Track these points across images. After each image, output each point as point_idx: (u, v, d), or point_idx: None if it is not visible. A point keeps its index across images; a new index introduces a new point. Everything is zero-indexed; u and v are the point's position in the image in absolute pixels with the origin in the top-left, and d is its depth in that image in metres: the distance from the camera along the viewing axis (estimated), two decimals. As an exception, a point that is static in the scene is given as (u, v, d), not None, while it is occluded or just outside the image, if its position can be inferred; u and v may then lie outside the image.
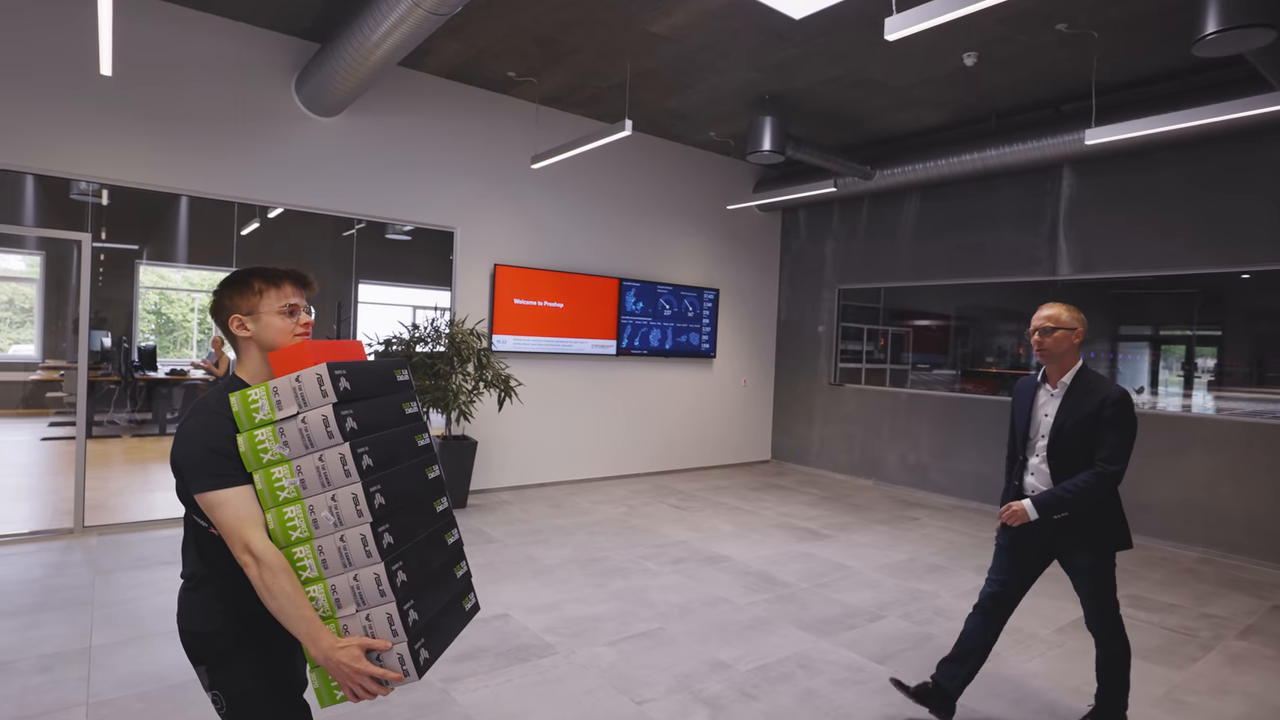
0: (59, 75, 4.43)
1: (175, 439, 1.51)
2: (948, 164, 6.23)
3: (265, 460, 1.48)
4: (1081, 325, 2.51)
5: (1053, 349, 2.51)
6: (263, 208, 9.69)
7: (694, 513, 5.90)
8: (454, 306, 6.14)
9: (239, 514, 1.45)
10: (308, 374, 1.48)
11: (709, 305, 7.74)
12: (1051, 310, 2.53)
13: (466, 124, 6.06)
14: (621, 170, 7.03)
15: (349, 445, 1.46)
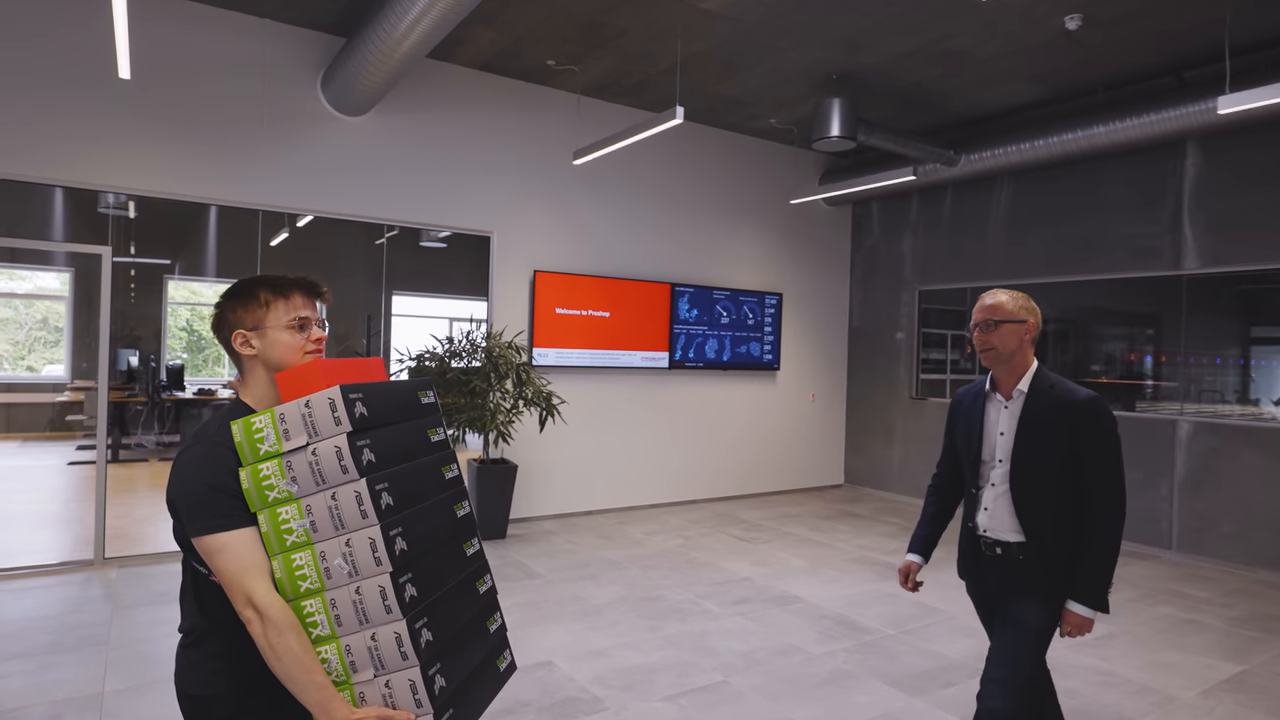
0: (75, 79, 4.57)
1: (171, 473, 1.44)
2: (1046, 145, 5.93)
3: (271, 499, 1.39)
4: (1034, 317, 2.15)
5: (1001, 348, 2.13)
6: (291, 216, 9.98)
7: (759, 545, 5.72)
8: (491, 318, 6.12)
9: (241, 561, 1.36)
10: (318, 398, 1.39)
11: (771, 311, 7.58)
12: (993, 300, 2.16)
13: (502, 119, 6.06)
14: (672, 165, 6.94)
15: (366, 481, 1.37)
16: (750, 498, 7.48)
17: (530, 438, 6.11)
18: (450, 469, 1.66)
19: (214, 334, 1.55)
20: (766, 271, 7.64)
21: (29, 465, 8.30)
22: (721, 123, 7.07)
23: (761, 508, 7.07)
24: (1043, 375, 2.16)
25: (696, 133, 7.07)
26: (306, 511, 1.39)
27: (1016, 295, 2.17)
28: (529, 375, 5.57)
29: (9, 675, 3.18)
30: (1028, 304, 2.16)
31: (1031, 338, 2.14)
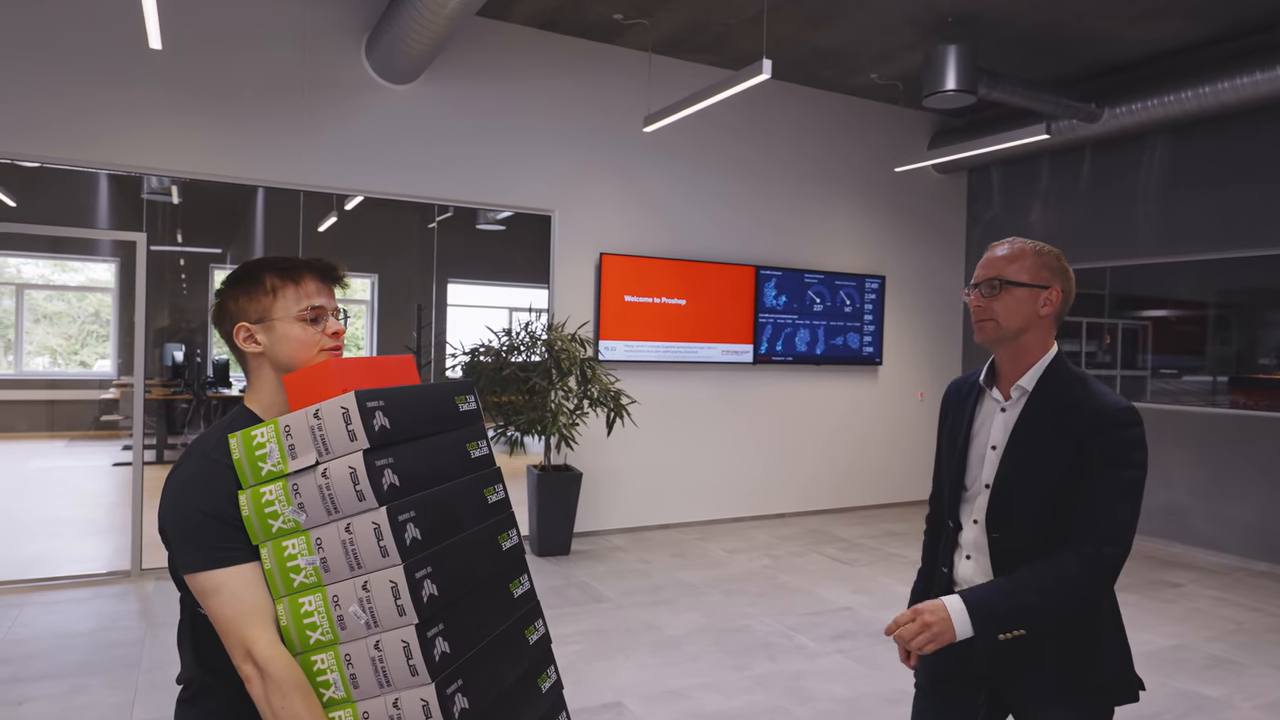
0: (104, 53, 4.66)
1: (161, 495, 1.32)
2: (1212, 93, 5.43)
3: (275, 529, 1.27)
4: (1062, 283, 1.65)
5: (1003, 321, 1.65)
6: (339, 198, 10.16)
7: (860, 568, 5.50)
8: (552, 307, 6.04)
9: (239, 605, 1.25)
10: (330, 407, 1.25)
11: (872, 297, 7.30)
12: (1005, 249, 1.68)
13: (564, 83, 5.95)
14: (756, 130, 6.73)
15: (386, 510, 1.23)
16: (848, 512, 7.25)
17: (596, 441, 5.99)
18: (494, 491, 1.51)
19: (215, 328, 1.43)
20: (867, 252, 7.36)
21: (73, 466, 8.72)
22: (814, 80, 6.80)
23: (861, 524, 6.83)
24: (1060, 369, 1.65)
25: (785, 93, 6.84)
26: (316, 546, 1.25)
27: (1043, 249, 1.67)
28: (594, 371, 5.46)
29: (35, 699, 3.24)
30: (1056, 263, 1.66)
31: (1053, 312, 1.64)
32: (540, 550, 5.57)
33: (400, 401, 1.33)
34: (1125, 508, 1.52)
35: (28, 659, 3.62)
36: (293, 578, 1.26)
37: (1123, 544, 1.51)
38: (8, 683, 3.37)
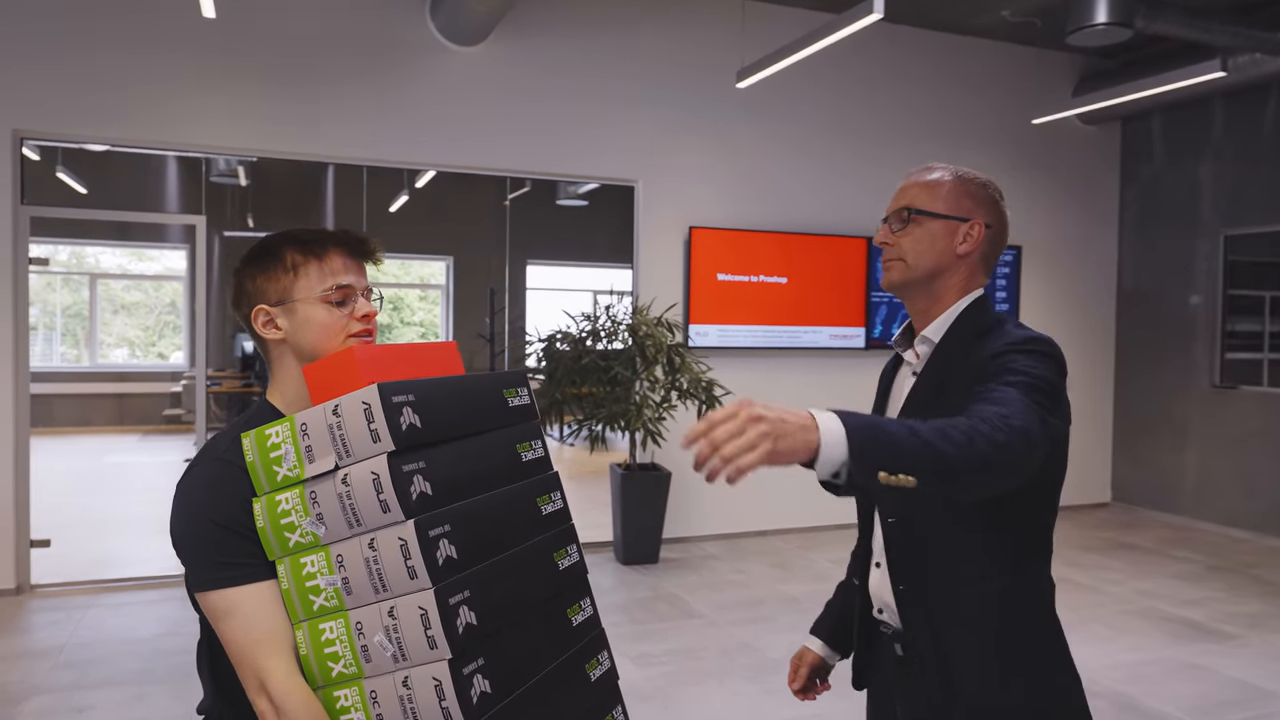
0: (156, 24, 4.80)
1: (172, 502, 1.28)
2: None
3: (292, 543, 1.20)
4: (986, 215, 1.46)
5: (911, 260, 1.46)
6: (410, 175, 10.38)
7: None
8: (636, 288, 5.97)
9: (252, 631, 1.20)
10: (350, 402, 1.17)
11: (1005, 271, 7.06)
12: (922, 174, 1.50)
13: (646, 37, 5.86)
14: (866, 83, 6.51)
15: (414, 524, 1.14)
16: None
17: (687, 438, 5.88)
18: (550, 500, 1.42)
19: (234, 311, 1.39)
20: None
21: (146, 462, 9.22)
22: (932, 21, 6.52)
23: None
24: (976, 316, 1.44)
25: (899, 38, 6.59)
26: (338, 564, 1.18)
27: (967, 175, 1.49)
28: (684, 359, 5.36)
29: (92, 707, 3.37)
30: (983, 192, 1.47)
31: (975, 250, 1.45)
32: (625, 558, 5.52)
33: (434, 396, 1.24)
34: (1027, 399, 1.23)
35: (90, 664, 3.79)
36: (312, 600, 1.19)
37: (1027, 420, 1.18)
38: (70, 689, 3.53)
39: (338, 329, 1.34)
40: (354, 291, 1.36)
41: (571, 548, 1.41)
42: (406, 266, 13.30)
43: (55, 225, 10.40)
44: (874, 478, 1.12)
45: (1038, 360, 1.32)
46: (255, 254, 1.37)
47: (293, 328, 1.34)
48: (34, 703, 3.39)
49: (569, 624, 1.36)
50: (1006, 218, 1.52)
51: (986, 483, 1.18)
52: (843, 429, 1.10)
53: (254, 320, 1.35)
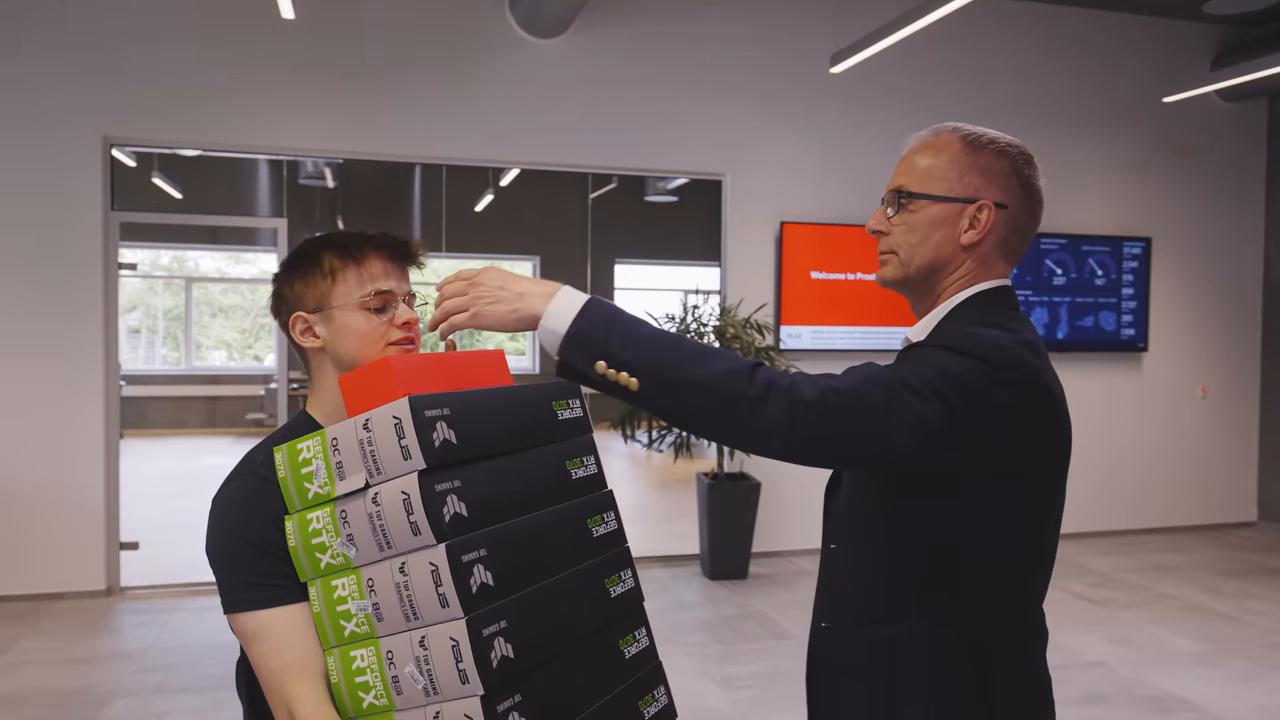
0: (235, 26, 4.98)
1: (208, 517, 1.28)
2: None
3: (324, 564, 1.19)
4: (1001, 191, 1.22)
5: (904, 254, 1.27)
6: (495, 173, 10.54)
7: (1117, 611, 5.02)
8: (724, 287, 5.89)
9: (281, 655, 1.20)
10: (381, 416, 1.14)
11: (1133, 265, 6.68)
12: (920, 142, 1.29)
13: (733, 23, 5.80)
14: (972, 64, 6.30)
15: (446, 549, 1.11)
16: (1101, 538, 6.70)
17: (778, 446, 5.77)
18: (602, 521, 1.37)
19: (274, 318, 1.39)
20: (1124, 207, 6.73)
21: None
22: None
23: (1121, 553, 6.31)
24: (968, 313, 1.23)
25: (1009, 14, 6.36)
26: (369, 588, 1.16)
27: (980, 139, 1.24)
28: (773, 362, 5.24)
29: (171, 713, 3.51)
30: (996, 163, 1.23)
31: (981, 240, 1.23)
32: (712, 573, 5.44)
33: (472, 409, 1.20)
34: (856, 379, 1.09)
35: (172, 669, 3.95)
36: (343, 625, 1.18)
37: (818, 393, 1.05)
38: (151, 694, 3.68)
39: (377, 337, 1.33)
40: (394, 297, 1.34)
41: (626, 573, 1.36)
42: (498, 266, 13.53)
43: (152, 230, 10.95)
44: (591, 367, 1.05)
45: (951, 356, 1.11)
46: (293, 259, 1.37)
47: (331, 335, 1.33)
48: (117, 706, 3.55)
49: (620, 657, 1.30)
50: (1036, 192, 1.25)
51: (704, 421, 1.07)
52: (579, 306, 1.07)
53: (292, 328, 1.35)
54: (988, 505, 1.16)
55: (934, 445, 1.08)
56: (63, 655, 4.04)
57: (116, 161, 5.30)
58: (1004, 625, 1.20)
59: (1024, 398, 1.12)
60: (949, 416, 1.07)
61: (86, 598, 4.81)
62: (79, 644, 4.19)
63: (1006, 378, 1.11)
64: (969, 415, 1.08)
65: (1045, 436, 1.17)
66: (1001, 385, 1.10)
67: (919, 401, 1.07)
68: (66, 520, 4.79)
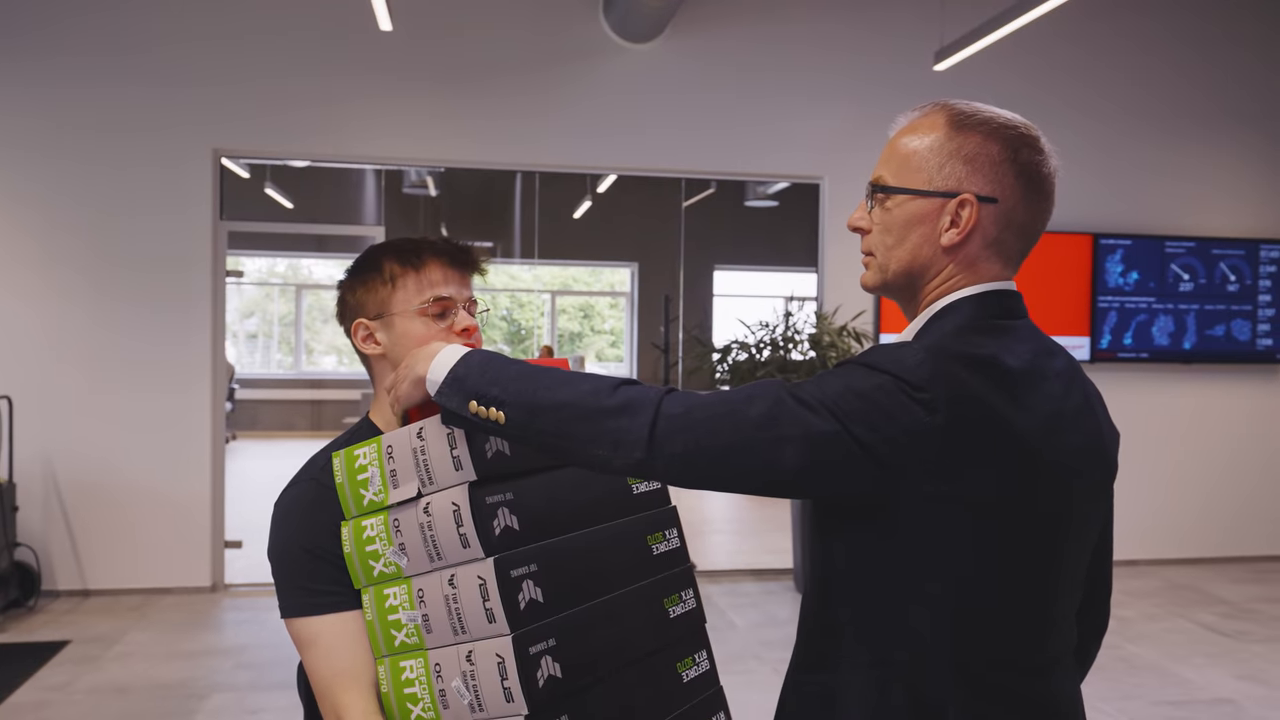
0: (336, 39, 5.16)
1: (271, 520, 1.31)
2: None
3: (376, 572, 1.19)
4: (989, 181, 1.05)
5: (881, 252, 1.12)
6: (593, 180, 10.62)
7: (1249, 643, 4.73)
8: (821, 294, 5.78)
9: (333, 662, 1.20)
10: (434, 424, 1.14)
11: (1271, 271, 6.36)
12: (901, 138, 1.12)
13: (832, 20, 5.73)
14: (1089, 55, 6.05)
15: (494, 563, 1.10)
16: (1233, 563, 6.31)
17: (876, 459, 5.63)
18: (663, 538, 1.34)
19: (339, 324, 1.41)
20: (1264, 207, 6.38)
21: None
22: (1177, -21, 5.87)
23: (1256, 581, 5.94)
24: (944, 323, 1.07)
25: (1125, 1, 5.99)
26: (419, 599, 1.16)
27: (970, 120, 1.08)
28: (871, 372, 5.08)
29: (264, 710, 3.63)
30: (985, 146, 1.06)
31: (963, 240, 1.07)
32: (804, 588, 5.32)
33: (529, 418, 1.19)
34: (735, 395, 0.98)
35: (268, 666, 4.09)
36: (394, 635, 1.18)
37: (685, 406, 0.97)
38: (245, 690, 3.82)
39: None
40: (454, 304, 1.34)
41: (687, 593, 1.32)
42: (597, 273, 13.66)
43: (266, 239, 11.47)
44: (465, 407, 1.03)
45: (864, 372, 0.98)
46: (356, 265, 1.38)
47: (391, 342, 1.34)
48: (214, 700, 3.69)
49: (678, 681, 1.26)
50: (1041, 180, 1.08)
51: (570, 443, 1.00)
52: (458, 356, 1.07)
53: (354, 334, 1.36)
54: (933, 541, 1.00)
55: (833, 472, 0.96)
56: (168, 648, 4.24)
57: (228, 172, 5.56)
58: (984, 694, 1.02)
59: (949, 420, 0.95)
60: (846, 437, 0.94)
61: (193, 593, 5.04)
62: (183, 638, 4.39)
63: (924, 398, 0.95)
64: (872, 439, 0.94)
65: (998, 466, 0.99)
66: (920, 405, 0.95)
67: (810, 416, 0.94)
68: (176, 518, 5.03)
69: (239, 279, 8.83)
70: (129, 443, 4.99)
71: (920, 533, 0.99)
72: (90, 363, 4.97)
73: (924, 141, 1.09)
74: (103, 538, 4.98)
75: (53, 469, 4.94)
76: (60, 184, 4.94)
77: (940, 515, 0.98)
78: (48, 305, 4.94)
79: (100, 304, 4.97)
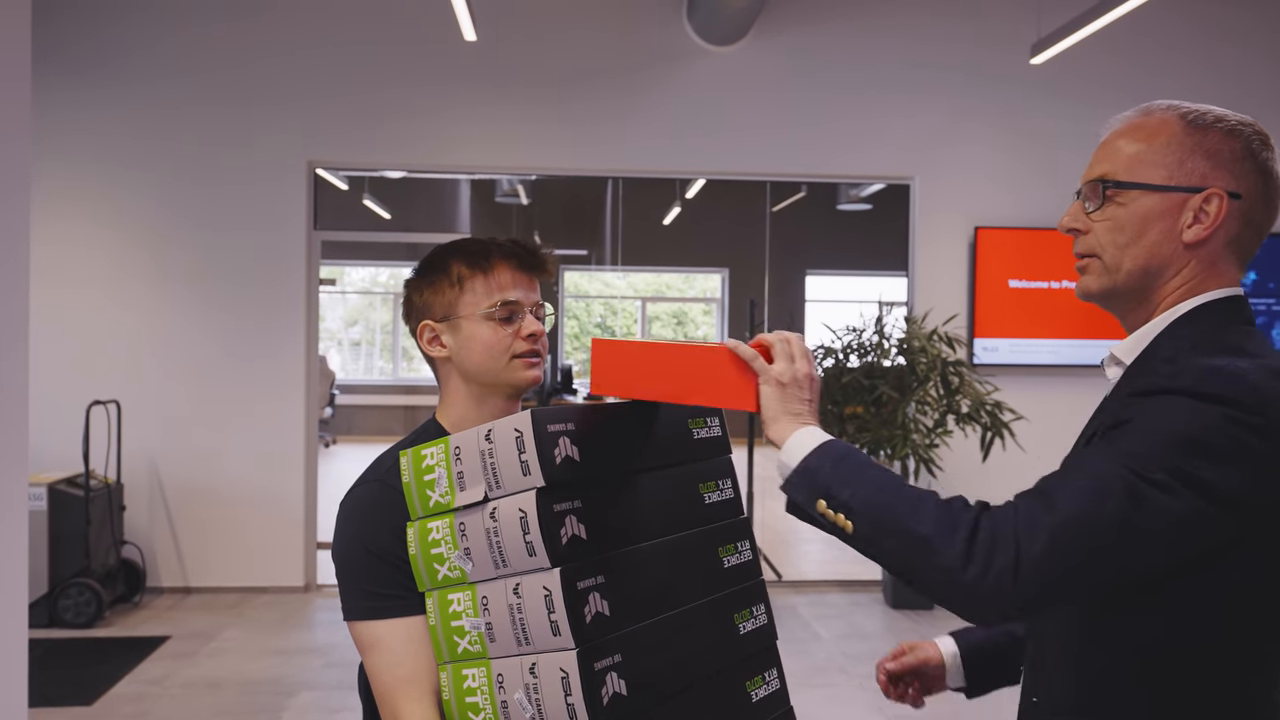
0: (424, 50, 5.25)
1: (335, 521, 1.31)
2: None
3: (441, 576, 1.18)
4: (1233, 177, 1.02)
5: (1111, 259, 1.07)
6: (682, 185, 10.60)
7: None
8: (912, 298, 5.63)
9: (395, 668, 1.19)
10: (503, 426, 1.11)
11: None
12: (1127, 122, 1.10)
13: (921, 13, 5.60)
14: (1197, 43, 5.77)
15: (560, 573, 1.06)
16: None
17: (970, 467, 5.41)
18: (735, 550, 1.29)
19: (406, 325, 1.40)
20: None
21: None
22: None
23: None
24: (1192, 329, 1.03)
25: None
26: (482, 606, 1.14)
27: (1204, 118, 1.05)
28: (963, 377, 4.93)
29: (347, 709, 3.67)
30: (1224, 144, 1.03)
31: (1208, 236, 1.03)
32: (895, 601, 5.17)
33: (599, 425, 1.16)
34: (1084, 496, 0.92)
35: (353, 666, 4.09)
36: (457, 641, 1.15)
37: (1039, 544, 0.91)
38: (332, 688, 3.90)
39: (502, 348, 1.31)
40: (521, 307, 1.32)
41: (758, 608, 1.27)
42: (690, 280, 13.65)
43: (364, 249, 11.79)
44: (813, 504, 1.02)
45: (1186, 407, 0.92)
46: (423, 266, 1.37)
47: (457, 345, 1.32)
48: (301, 698, 3.78)
49: (747, 700, 1.21)
50: (1276, 179, 1.06)
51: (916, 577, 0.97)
52: (816, 444, 1.03)
53: (420, 336, 1.35)
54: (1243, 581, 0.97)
55: (1197, 538, 0.93)
56: (261, 645, 4.36)
57: (326, 184, 5.73)
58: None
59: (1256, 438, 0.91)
60: (1205, 502, 0.90)
61: (287, 593, 5.18)
62: (276, 636, 4.52)
63: (1259, 423, 0.91)
64: (1225, 489, 0.90)
65: None
66: (1256, 434, 0.91)
67: (1167, 500, 0.90)
68: (272, 519, 5.19)
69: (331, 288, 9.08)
70: (229, 446, 5.17)
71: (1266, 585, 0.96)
72: (193, 369, 5.16)
73: (1157, 139, 1.07)
74: (204, 537, 5.17)
75: (157, 471, 5.15)
76: (165, 201, 5.15)
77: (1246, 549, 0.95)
78: (154, 316, 5.16)
79: (202, 313, 5.17)
